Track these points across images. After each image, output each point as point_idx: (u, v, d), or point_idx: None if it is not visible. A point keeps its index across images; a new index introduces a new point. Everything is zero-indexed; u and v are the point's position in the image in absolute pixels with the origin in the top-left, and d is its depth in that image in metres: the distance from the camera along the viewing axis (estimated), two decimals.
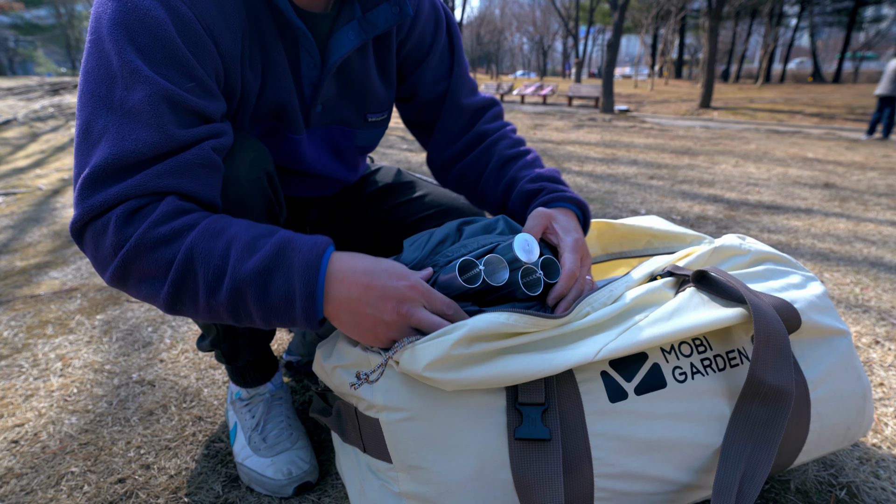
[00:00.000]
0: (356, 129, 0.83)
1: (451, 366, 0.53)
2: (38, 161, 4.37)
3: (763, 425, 0.58)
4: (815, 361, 0.66)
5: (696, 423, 0.59)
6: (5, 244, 2.13)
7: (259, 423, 0.82)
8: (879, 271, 1.75)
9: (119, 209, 0.52)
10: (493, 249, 0.64)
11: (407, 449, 0.56)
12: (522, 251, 0.60)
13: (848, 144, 5.98)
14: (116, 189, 0.52)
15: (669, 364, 0.60)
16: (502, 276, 0.61)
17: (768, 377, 0.57)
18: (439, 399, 0.56)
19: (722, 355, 0.62)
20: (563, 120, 9.01)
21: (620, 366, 0.59)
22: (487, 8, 58.97)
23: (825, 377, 0.66)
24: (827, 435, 0.67)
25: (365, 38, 0.72)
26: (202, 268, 0.52)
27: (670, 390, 0.59)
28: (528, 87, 18.49)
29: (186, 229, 0.53)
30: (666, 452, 0.58)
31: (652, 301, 0.63)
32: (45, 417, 0.97)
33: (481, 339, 0.54)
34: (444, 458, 0.55)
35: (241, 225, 0.56)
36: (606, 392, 0.57)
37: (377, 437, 0.59)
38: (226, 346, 0.79)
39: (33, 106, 7.85)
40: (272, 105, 0.71)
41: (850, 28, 29.22)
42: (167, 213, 0.53)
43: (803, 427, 0.64)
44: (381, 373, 0.57)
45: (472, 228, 0.71)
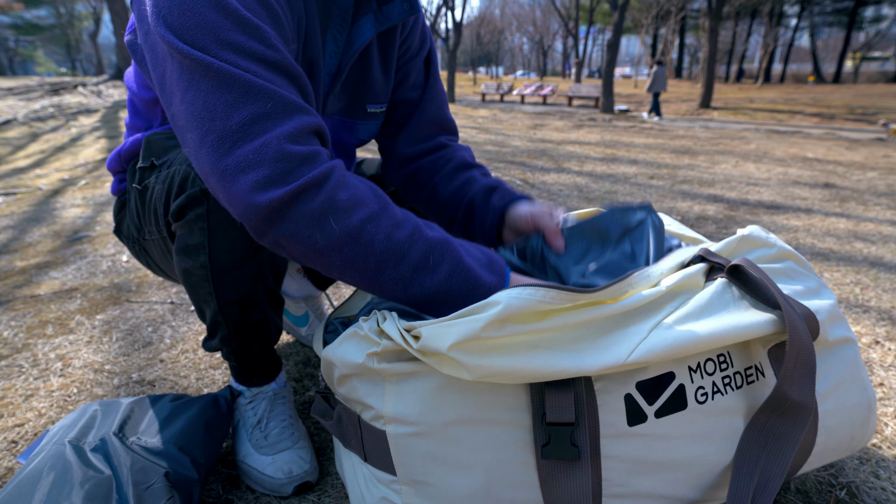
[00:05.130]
0: (357, 120, 0.86)
1: (478, 349, 0.50)
2: (38, 161, 4.37)
3: (778, 438, 0.57)
4: (825, 374, 0.64)
5: (710, 443, 0.58)
6: (5, 244, 2.13)
7: (262, 421, 0.82)
8: (879, 271, 1.74)
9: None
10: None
11: (414, 464, 0.55)
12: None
13: (848, 144, 5.97)
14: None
15: (694, 384, 0.58)
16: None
17: (793, 393, 0.56)
18: (452, 416, 0.54)
19: (741, 372, 0.60)
20: (563, 120, 9.01)
21: (646, 389, 0.56)
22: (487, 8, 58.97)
23: (834, 390, 0.64)
24: (832, 446, 0.66)
25: (379, 29, 0.77)
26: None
27: (690, 411, 0.57)
28: (528, 87, 18.49)
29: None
30: (677, 472, 0.57)
31: (685, 288, 0.60)
32: (45, 417, 0.97)
33: (515, 320, 0.52)
34: (451, 475, 0.54)
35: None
36: (626, 415, 0.55)
37: (382, 449, 0.58)
38: (237, 343, 0.79)
39: (33, 106, 7.85)
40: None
41: (850, 28, 29.22)
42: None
43: (810, 440, 0.63)
44: (374, 319, 0.57)
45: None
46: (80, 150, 4.78)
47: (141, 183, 0.78)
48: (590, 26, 28.46)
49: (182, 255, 0.72)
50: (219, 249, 0.69)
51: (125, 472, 0.65)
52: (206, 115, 0.53)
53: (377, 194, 0.57)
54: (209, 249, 0.69)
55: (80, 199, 2.88)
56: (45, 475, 0.62)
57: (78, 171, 3.76)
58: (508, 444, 0.54)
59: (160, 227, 0.76)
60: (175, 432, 0.74)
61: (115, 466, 0.65)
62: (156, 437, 0.72)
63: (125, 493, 0.62)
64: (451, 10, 14.73)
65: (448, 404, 0.54)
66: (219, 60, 0.53)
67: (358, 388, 0.59)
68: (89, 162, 4.10)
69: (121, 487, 0.63)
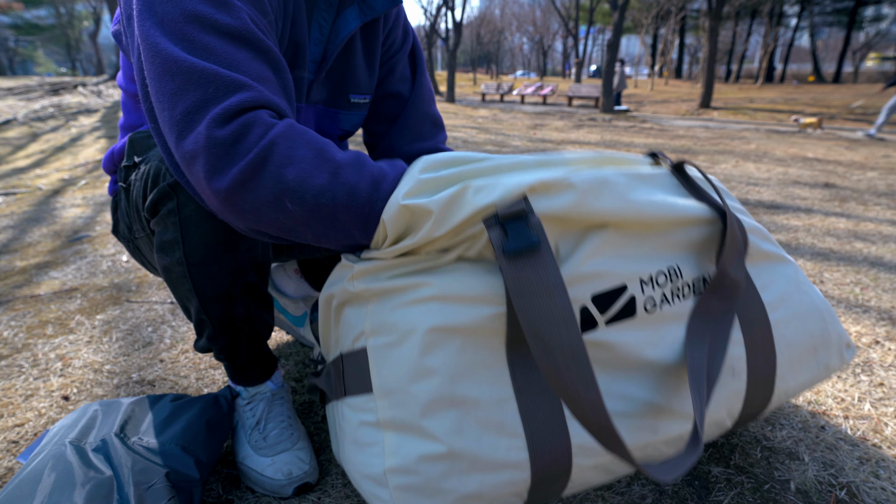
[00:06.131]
0: (339, 110, 0.86)
1: (426, 190, 0.56)
2: (38, 161, 4.37)
3: (718, 317, 0.64)
4: (769, 285, 0.71)
5: (661, 348, 0.62)
6: (5, 244, 2.13)
7: (260, 422, 0.82)
8: (879, 271, 1.74)
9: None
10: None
11: (389, 372, 0.57)
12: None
13: (848, 144, 5.97)
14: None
15: (644, 295, 0.62)
16: None
17: (730, 272, 0.63)
18: (427, 325, 0.56)
19: (689, 283, 0.65)
20: (564, 120, 9.01)
21: (600, 301, 0.60)
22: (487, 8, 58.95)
23: (781, 299, 0.70)
24: (796, 358, 0.70)
25: (364, 20, 0.78)
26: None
27: (638, 319, 0.61)
28: (528, 87, 18.48)
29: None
30: (633, 373, 0.61)
31: (627, 163, 0.67)
32: (45, 417, 0.97)
33: (443, 165, 0.59)
34: (418, 380, 0.56)
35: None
36: (580, 324, 0.58)
37: (361, 370, 0.60)
38: (224, 341, 0.78)
39: (33, 106, 7.85)
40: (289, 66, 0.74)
41: (850, 28, 29.22)
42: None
43: (769, 350, 0.68)
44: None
45: None
46: (80, 150, 4.78)
47: (126, 181, 0.78)
48: (590, 26, 28.45)
49: (160, 252, 0.72)
50: (192, 244, 0.69)
51: (126, 472, 0.65)
52: (158, 104, 0.55)
53: (324, 159, 0.55)
54: (183, 245, 0.69)
55: (80, 199, 2.88)
56: (46, 475, 0.62)
57: (78, 171, 3.76)
58: (467, 347, 0.56)
59: (143, 224, 0.76)
60: (177, 432, 0.74)
61: (116, 467, 0.65)
62: (158, 438, 0.72)
63: (126, 493, 0.62)
64: (451, 10, 14.73)
65: (417, 314, 0.57)
66: (175, 41, 0.54)
67: (348, 315, 0.63)
68: (89, 162, 4.10)
69: (122, 488, 0.63)
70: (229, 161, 0.52)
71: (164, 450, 0.70)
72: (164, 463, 0.68)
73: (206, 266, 0.71)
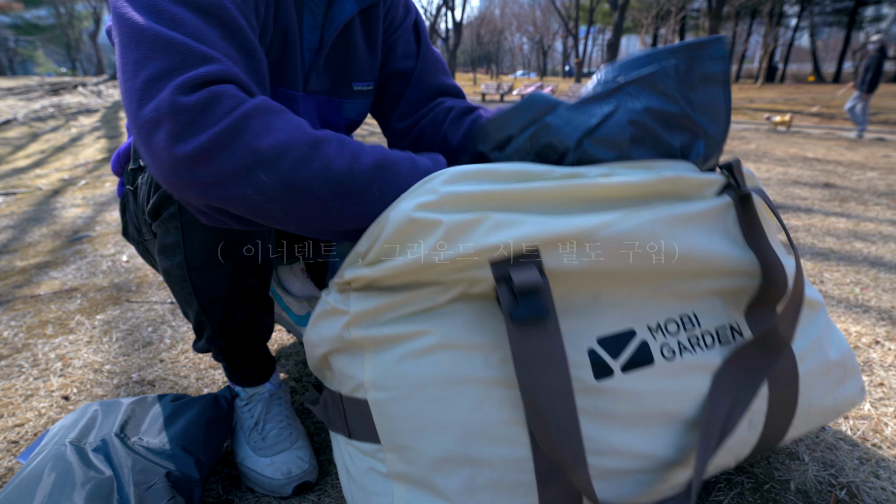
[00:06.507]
0: (343, 99, 0.85)
1: (443, 207, 0.52)
2: (38, 161, 4.37)
3: (752, 371, 0.59)
4: (801, 335, 0.66)
5: (684, 400, 0.58)
6: (5, 244, 2.13)
7: (258, 423, 0.82)
8: (879, 271, 1.74)
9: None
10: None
11: (396, 428, 0.55)
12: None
13: (848, 144, 5.97)
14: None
15: (657, 342, 0.58)
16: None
17: (782, 330, 0.58)
18: (428, 378, 0.54)
19: (712, 332, 0.61)
20: None
21: (608, 344, 0.57)
22: (487, 8, 58.96)
23: (810, 349, 0.66)
24: (815, 409, 0.68)
25: (362, 5, 0.76)
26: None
27: (658, 367, 0.57)
28: (529, 88, 18.49)
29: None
30: (651, 428, 0.57)
31: (687, 186, 0.59)
32: (45, 417, 0.97)
33: (471, 177, 0.54)
34: (430, 437, 0.54)
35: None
36: (592, 370, 0.55)
37: (365, 419, 0.58)
38: (222, 343, 0.78)
39: (33, 106, 7.85)
40: (278, 58, 0.72)
41: (850, 28, 29.23)
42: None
43: (791, 404, 0.65)
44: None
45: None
46: (80, 150, 4.78)
47: (133, 184, 0.78)
48: (590, 26, 28.47)
49: (161, 256, 0.72)
50: (194, 248, 0.69)
51: (126, 472, 0.65)
52: (122, 74, 0.52)
53: (305, 132, 0.53)
54: (184, 248, 0.69)
55: (80, 199, 2.88)
56: (46, 476, 0.62)
57: (78, 171, 3.76)
58: (483, 402, 0.54)
59: (149, 227, 0.76)
60: (177, 432, 0.74)
61: (117, 467, 0.65)
62: (158, 438, 0.72)
63: (126, 493, 0.62)
64: (451, 10, 14.74)
65: (424, 367, 0.54)
66: (140, 11, 0.51)
67: (340, 362, 0.60)
68: (89, 162, 4.10)
69: (122, 488, 0.63)
70: (197, 128, 0.48)
71: (165, 450, 0.70)
72: (164, 463, 0.68)
73: (206, 270, 0.71)
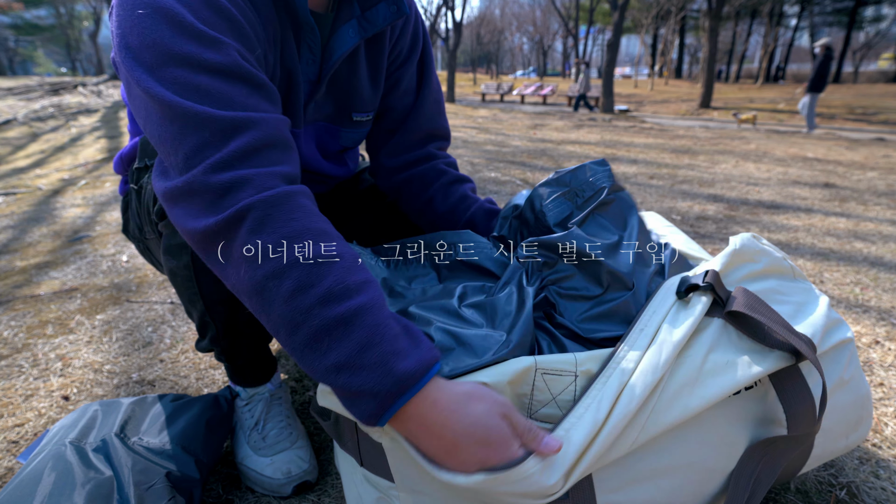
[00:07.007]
0: (341, 127, 0.85)
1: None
2: (38, 161, 4.37)
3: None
4: (827, 375, 0.64)
5: (706, 448, 0.57)
6: (5, 244, 2.13)
7: (259, 423, 0.82)
8: (879, 271, 1.74)
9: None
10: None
11: (411, 475, 0.55)
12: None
13: (848, 144, 5.97)
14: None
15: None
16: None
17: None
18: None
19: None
20: (563, 120, 9.01)
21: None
22: (487, 8, 58.92)
23: (833, 389, 0.64)
24: (830, 448, 0.67)
25: (364, 35, 0.75)
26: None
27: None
28: (528, 87, 18.50)
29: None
30: (673, 479, 0.56)
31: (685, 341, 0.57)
32: (45, 417, 0.97)
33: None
34: (446, 486, 0.53)
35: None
36: None
37: (379, 458, 0.58)
38: (226, 343, 0.79)
39: (33, 106, 7.84)
40: (283, 98, 0.72)
41: (850, 28, 29.20)
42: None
43: (808, 447, 0.64)
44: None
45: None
46: (80, 150, 4.78)
47: (137, 183, 0.78)
48: (590, 26, 28.47)
49: (167, 255, 0.72)
50: None
51: (126, 472, 0.65)
52: (160, 146, 0.55)
53: (295, 242, 0.51)
54: (191, 250, 0.69)
55: (80, 199, 2.88)
56: (47, 476, 0.62)
57: (78, 171, 3.76)
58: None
59: (154, 226, 0.76)
60: (177, 432, 0.74)
61: (117, 467, 0.65)
62: (158, 438, 0.72)
63: (126, 493, 0.62)
64: (451, 10, 14.72)
65: None
66: (166, 86, 0.53)
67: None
68: (89, 162, 4.11)
69: (122, 488, 0.63)
70: (217, 207, 0.52)
71: (165, 450, 0.70)
72: (165, 463, 0.68)
73: (212, 272, 0.71)
